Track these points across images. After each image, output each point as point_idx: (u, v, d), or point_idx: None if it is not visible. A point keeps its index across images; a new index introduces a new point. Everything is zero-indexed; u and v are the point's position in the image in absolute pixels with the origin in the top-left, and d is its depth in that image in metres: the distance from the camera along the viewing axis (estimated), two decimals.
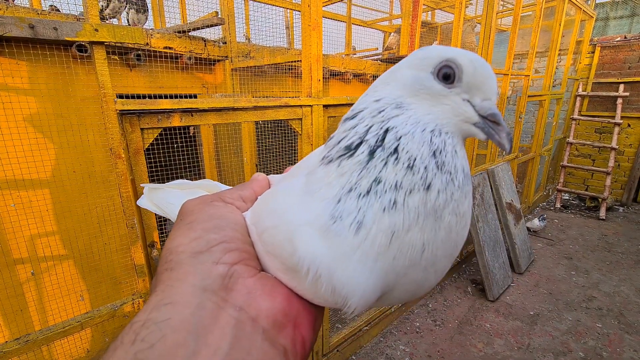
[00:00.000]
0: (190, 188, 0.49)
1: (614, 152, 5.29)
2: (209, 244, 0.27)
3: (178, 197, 0.46)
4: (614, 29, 8.53)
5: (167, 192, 0.48)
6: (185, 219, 0.30)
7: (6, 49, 1.51)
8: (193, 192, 0.48)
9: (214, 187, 0.48)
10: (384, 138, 0.27)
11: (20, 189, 1.68)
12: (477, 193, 3.37)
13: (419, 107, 0.28)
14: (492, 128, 0.27)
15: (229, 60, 2.42)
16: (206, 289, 0.24)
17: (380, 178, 0.26)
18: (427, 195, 0.25)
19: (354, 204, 0.25)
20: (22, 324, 1.83)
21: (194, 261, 0.25)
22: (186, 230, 0.28)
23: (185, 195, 0.47)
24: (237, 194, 0.35)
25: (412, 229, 0.25)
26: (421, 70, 0.29)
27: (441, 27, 5.06)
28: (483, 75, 0.28)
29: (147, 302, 0.24)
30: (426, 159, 0.26)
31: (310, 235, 0.26)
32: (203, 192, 0.48)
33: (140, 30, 1.34)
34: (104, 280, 2.06)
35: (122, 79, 2.02)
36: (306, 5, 1.74)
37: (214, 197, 0.34)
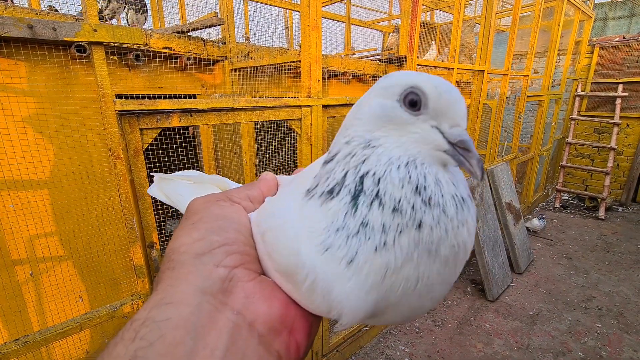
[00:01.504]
0: (200, 182, 0.48)
1: (613, 152, 5.29)
2: (211, 245, 0.27)
3: (187, 189, 0.47)
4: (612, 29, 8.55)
5: (177, 183, 0.48)
6: (190, 218, 0.30)
7: (5, 49, 1.51)
8: (202, 187, 0.47)
9: (224, 183, 0.48)
10: (363, 183, 0.26)
11: (19, 189, 1.68)
12: (477, 193, 3.37)
13: (388, 140, 0.27)
14: (462, 155, 0.26)
15: (228, 61, 2.41)
16: (206, 291, 0.24)
17: (368, 221, 0.25)
18: (419, 233, 0.25)
19: (343, 242, 0.25)
20: (21, 325, 1.82)
21: (196, 262, 0.26)
22: (190, 230, 0.28)
23: (194, 190, 0.47)
24: (245, 193, 0.34)
25: (406, 265, 0.25)
26: (387, 99, 0.28)
27: (440, 27, 5.07)
28: (448, 100, 0.27)
29: (148, 299, 0.24)
30: (411, 199, 0.25)
31: (310, 246, 0.26)
32: (212, 187, 0.47)
33: (139, 31, 1.33)
34: (103, 281, 2.06)
35: (121, 79, 2.02)
36: (305, 5, 1.74)
37: (221, 196, 0.33)
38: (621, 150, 5.62)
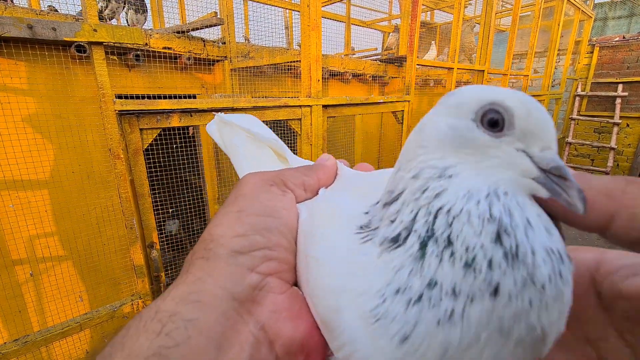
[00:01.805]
0: (258, 141, 0.44)
1: (612, 152, 5.30)
2: (251, 246, 0.25)
3: (243, 144, 0.44)
4: (612, 29, 8.55)
5: (236, 131, 0.45)
6: (238, 201, 0.28)
7: (5, 49, 1.51)
8: (259, 147, 0.44)
9: (281, 149, 0.43)
10: (435, 224, 0.21)
11: (19, 189, 1.68)
12: None
13: (465, 168, 0.22)
14: (557, 184, 0.21)
15: (228, 61, 2.41)
16: (235, 296, 0.23)
17: (436, 280, 0.20)
18: (493, 303, 0.19)
19: (401, 310, 0.20)
20: (21, 325, 1.82)
21: (232, 261, 0.24)
22: (234, 220, 0.26)
23: (250, 148, 0.43)
24: (301, 180, 0.32)
25: (472, 347, 0.19)
26: (459, 119, 0.23)
27: (440, 27, 5.07)
28: (539, 119, 0.23)
29: (177, 285, 0.23)
30: (489, 249, 0.19)
31: (357, 311, 0.22)
32: (268, 151, 0.44)
33: (139, 31, 1.33)
34: (103, 281, 2.06)
35: (121, 79, 2.02)
36: (305, 5, 1.74)
37: (276, 178, 0.31)
38: (621, 150, 5.62)
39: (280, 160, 0.44)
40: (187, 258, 0.26)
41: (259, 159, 0.43)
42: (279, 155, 0.44)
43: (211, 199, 2.61)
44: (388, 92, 3.49)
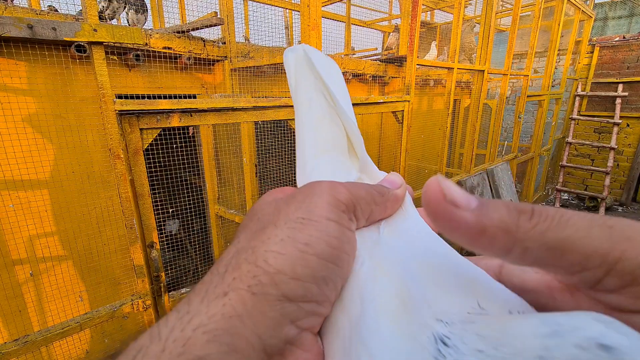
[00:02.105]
0: (332, 115, 0.33)
1: (613, 151, 5.30)
2: (304, 296, 0.21)
3: (318, 102, 0.33)
4: (612, 29, 8.55)
5: (312, 80, 0.34)
6: (306, 227, 0.22)
7: (5, 49, 1.51)
8: (331, 121, 0.33)
9: (356, 138, 0.32)
10: None
11: (19, 189, 1.68)
12: (477, 193, 3.37)
13: None
14: None
15: (228, 61, 2.41)
16: (267, 350, 0.20)
17: None
18: None
19: None
20: (21, 325, 1.82)
21: (279, 307, 0.20)
22: (297, 257, 0.21)
23: (320, 114, 0.33)
24: (370, 208, 0.26)
25: None
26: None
27: (440, 27, 5.07)
28: None
29: (210, 299, 0.20)
30: None
31: None
32: (342, 130, 0.33)
33: (139, 31, 1.33)
34: (103, 281, 2.06)
35: (121, 79, 2.02)
36: (305, 5, 1.74)
37: (349, 201, 0.24)
38: (621, 150, 5.62)
39: (349, 150, 0.33)
40: (226, 261, 0.22)
41: (327, 135, 0.32)
42: (349, 143, 0.34)
43: (211, 199, 2.61)
44: (388, 92, 3.49)
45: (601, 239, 0.17)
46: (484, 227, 0.19)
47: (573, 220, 0.18)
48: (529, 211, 0.18)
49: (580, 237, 0.17)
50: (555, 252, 0.18)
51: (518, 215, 0.18)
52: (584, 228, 0.17)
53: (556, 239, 0.17)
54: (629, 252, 0.16)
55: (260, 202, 0.27)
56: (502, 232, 0.18)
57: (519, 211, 0.19)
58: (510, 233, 0.18)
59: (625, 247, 0.17)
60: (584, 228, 0.17)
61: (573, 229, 0.17)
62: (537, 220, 0.18)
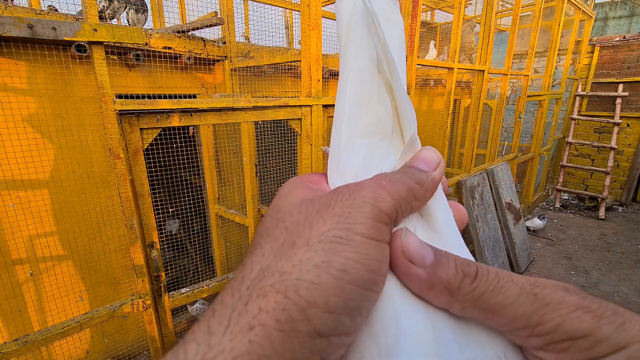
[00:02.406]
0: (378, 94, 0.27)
1: (613, 151, 5.29)
2: (335, 330, 0.19)
3: (366, 66, 0.27)
4: (613, 29, 8.54)
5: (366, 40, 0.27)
6: (344, 248, 0.19)
7: (5, 49, 1.51)
8: (381, 99, 0.27)
9: (410, 132, 0.27)
10: None
11: (19, 189, 1.68)
12: (477, 193, 3.37)
13: None
14: None
15: (228, 60, 2.41)
16: None
17: None
18: None
19: None
20: (21, 324, 1.82)
21: (308, 344, 0.18)
22: (333, 286, 0.18)
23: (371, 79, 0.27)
24: (411, 206, 0.23)
25: None
26: None
27: (440, 27, 5.06)
28: None
29: (232, 326, 0.18)
30: None
31: None
32: (389, 105, 0.27)
33: (139, 30, 1.33)
34: (103, 280, 2.06)
35: (121, 79, 2.02)
36: (305, 5, 1.74)
37: (392, 209, 0.22)
38: (621, 150, 5.62)
39: (393, 131, 0.27)
40: (249, 280, 0.19)
41: (371, 117, 0.26)
42: (396, 124, 0.28)
43: (211, 198, 2.61)
44: None
45: (525, 305, 0.20)
46: (433, 284, 0.21)
47: (506, 287, 0.20)
48: (473, 274, 0.21)
49: (509, 304, 0.20)
50: (487, 313, 0.21)
51: (462, 278, 0.21)
52: (514, 295, 0.20)
53: (489, 303, 0.20)
54: (546, 316, 0.19)
55: (286, 201, 0.24)
56: (446, 292, 0.21)
57: (464, 274, 0.21)
58: (452, 293, 0.21)
59: (544, 312, 0.19)
60: (513, 295, 0.20)
61: (504, 295, 0.20)
62: (477, 284, 0.21)
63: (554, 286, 0.21)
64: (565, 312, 0.19)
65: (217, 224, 2.64)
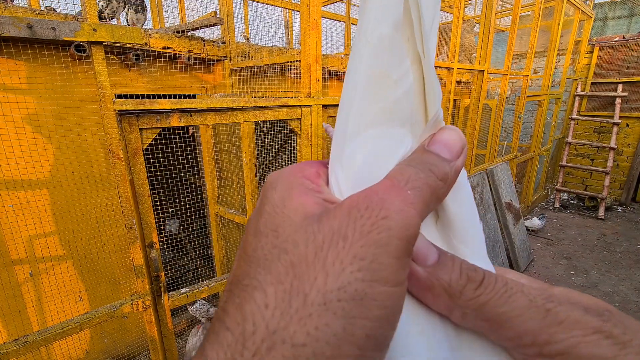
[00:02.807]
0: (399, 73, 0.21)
1: (612, 151, 5.30)
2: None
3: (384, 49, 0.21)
4: (612, 29, 8.55)
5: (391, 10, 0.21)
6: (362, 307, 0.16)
7: (4, 49, 1.50)
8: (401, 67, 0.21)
9: (435, 101, 0.22)
10: None
11: (19, 189, 1.68)
12: (476, 193, 3.37)
13: None
14: None
15: (228, 60, 2.41)
16: None
17: None
18: None
19: None
20: (21, 325, 1.82)
21: None
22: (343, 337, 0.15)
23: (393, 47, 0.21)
24: (434, 207, 0.20)
25: None
26: None
27: (440, 26, 5.06)
28: None
29: None
30: None
31: None
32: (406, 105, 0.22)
33: (138, 30, 1.33)
34: (102, 280, 2.06)
35: (120, 79, 2.02)
36: (305, 5, 1.74)
37: (417, 233, 0.18)
38: (621, 150, 5.62)
39: (417, 110, 0.22)
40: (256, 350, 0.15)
41: (386, 101, 0.22)
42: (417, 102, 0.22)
43: (211, 198, 2.60)
44: None
45: (535, 320, 0.18)
46: (432, 286, 0.19)
47: (515, 297, 0.18)
48: (478, 280, 0.19)
49: (516, 315, 0.18)
50: (491, 324, 0.18)
51: (466, 282, 0.19)
52: (522, 307, 0.18)
53: (494, 313, 0.18)
54: (557, 335, 0.17)
55: (284, 216, 0.19)
56: (446, 295, 0.19)
57: (468, 278, 0.19)
58: (453, 298, 0.19)
59: (555, 330, 0.17)
60: (522, 307, 0.18)
61: (512, 306, 0.18)
62: (482, 292, 0.19)
63: (571, 304, 0.18)
64: (580, 333, 0.17)
65: (216, 224, 2.64)
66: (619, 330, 0.17)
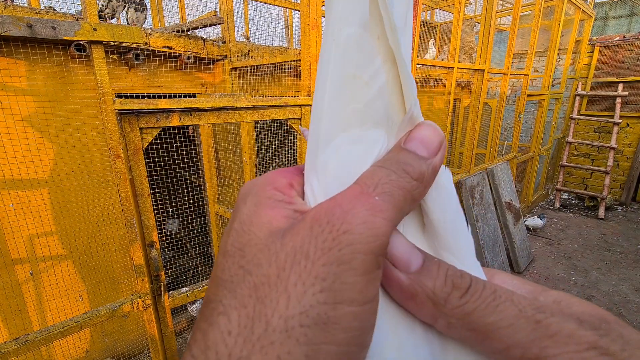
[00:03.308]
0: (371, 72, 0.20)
1: (612, 151, 5.30)
2: None
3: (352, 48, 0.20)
4: (612, 28, 8.54)
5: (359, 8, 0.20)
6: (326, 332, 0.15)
7: (4, 48, 1.50)
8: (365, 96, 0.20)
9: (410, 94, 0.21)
10: None
11: (19, 189, 1.68)
12: (477, 192, 3.37)
13: None
14: None
15: (228, 60, 2.41)
16: None
17: None
18: None
19: None
20: (21, 324, 1.82)
21: None
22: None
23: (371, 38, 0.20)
24: (408, 211, 0.19)
25: None
26: None
27: (440, 26, 5.06)
28: None
29: None
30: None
31: None
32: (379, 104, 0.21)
33: (138, 30, 1.33)
34: (103, 280, 2.06)
35: (120, 78, 2.02)
36: (305, 4, 1.74)
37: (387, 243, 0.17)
38: (621, 150, 5.62)
39: (393, 110, 0.21)
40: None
41: (357, 103, 0.21)
42: (395, 94, 0.21)
43: (211, 198, 2.61)
44: None
45: (525, 331, 0.16)
46: (415, 293, 0.18)
47: (503, 306, 0.17)
48: (464, 287, 0.18)
49: (504, 326, 0.17)
50: (477, 334, 0.17)
51: (451, 289, 0.18)
52: (511, 317, 0.17)
53: (480, 322, 0.17)
54: (548, 350, 0.16)
55: (250, 233, 0.18)
56: (430, 303, 0.18)
57: (454, 285, 0.18)
58: (437, 306, 0.18)
59: (547, 344, 0.16)
60: (511, 317, 0.17)
61: (500, 315, 0.17)
62: (468, 299, 0.17)
63: (564, 315, 0.17)
64: (574, 349, 0.16)
65: (217, 223, 2.64)
66: (617, 347, 0.16)
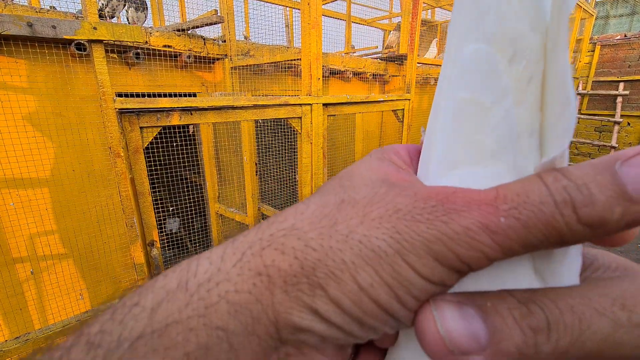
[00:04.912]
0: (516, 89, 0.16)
1: (613, 150, 5.29)
2: None
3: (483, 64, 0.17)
4: (614, 27, 8.52)
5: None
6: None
7: (4, 47, 1.50)
8: (501, 123, 0.17)
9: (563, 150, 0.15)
10: None
11: (20, 188, 1.68)
12: None
13: None
14: None
15: (228, 59, 2.41)
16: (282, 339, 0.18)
17: None
18: None
19: None
20: (22, 323, 1.83)
21: None
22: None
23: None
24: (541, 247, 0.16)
25: None
26: None
27: (441, 25, 5.06)
28: None
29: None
30: None
31: None
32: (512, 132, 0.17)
33: (139, 29, 1.33)
34: (103, 279, 2.06)
35: (121, 77, 2.02)
36: (306, 3, 1.74)
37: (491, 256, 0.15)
38: (622, 149, 5.62)
39: (525, 142, 0.17)
40: (275, 231, 0.19)
41: (481, 126, 0.17)
42: (528, 130, 0.17)
43: (211, 197, 2.61)
44: (388, 90, 3.48)
45: (632, 344, 0.14)
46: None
47: (594, 326, 0.15)
48: (544, 328, 0.15)
49: (608, 347, 0.14)
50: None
51: (534, 336, 0.15)
52: (609, 334, 0.14)
53: (582, 354, 0.15)
54: None
55: (367, 172, 0.20)
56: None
57: (534, 330, 0.15)
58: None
59: None
60: (609, 334, 0.14)
61: (598, 337, 0.14)
62: (557, 337, 0.15)
63: None
64: None
65: (217, 222, 2.64)
66: None
